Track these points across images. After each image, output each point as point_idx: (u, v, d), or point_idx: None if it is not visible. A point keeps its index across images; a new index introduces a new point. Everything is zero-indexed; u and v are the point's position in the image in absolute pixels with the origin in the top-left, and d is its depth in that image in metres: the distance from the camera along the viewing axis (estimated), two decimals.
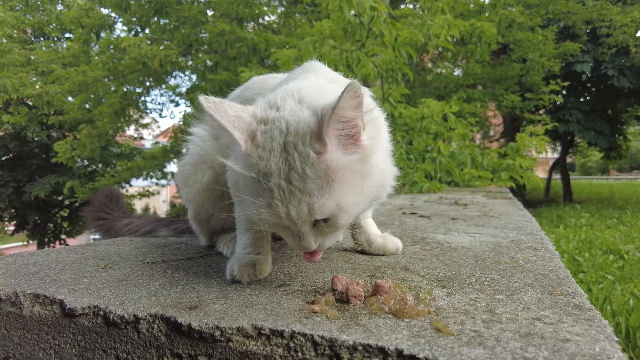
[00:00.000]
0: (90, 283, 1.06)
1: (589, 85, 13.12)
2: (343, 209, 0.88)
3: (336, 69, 4.22)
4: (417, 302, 0.87)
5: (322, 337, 0.73)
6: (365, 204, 0.95)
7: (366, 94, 1.11)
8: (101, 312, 0.89)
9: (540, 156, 6.28)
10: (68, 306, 0.92)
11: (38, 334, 0.96)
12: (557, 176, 16.78)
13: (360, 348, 0.70)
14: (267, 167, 0.85)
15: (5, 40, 9.82)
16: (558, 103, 11.79)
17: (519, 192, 9.88)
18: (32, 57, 8.53)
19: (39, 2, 8.53)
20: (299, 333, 0.74)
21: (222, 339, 0.77)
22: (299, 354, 0.73)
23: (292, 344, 0.74)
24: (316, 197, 0.85)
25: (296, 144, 0.85)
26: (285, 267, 1.17)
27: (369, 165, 0.91)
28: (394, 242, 1.33)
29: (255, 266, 1.04)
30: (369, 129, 0.92)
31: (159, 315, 0.85)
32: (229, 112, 0.88)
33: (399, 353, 0.68)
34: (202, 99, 0.87)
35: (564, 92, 11.45)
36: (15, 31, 10.20)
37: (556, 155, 17.26)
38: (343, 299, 0.89)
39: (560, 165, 15.50)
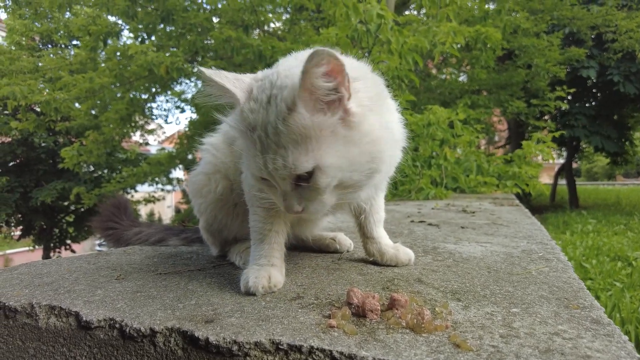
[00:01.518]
0: (105, 295, 1.07)
1: (594, 90, 13.08)
2: (322, 169, 0.90)
3: None
4: (434, 316, 0.87)
5: (341, 353, 0.72)
6: (355, 172, 0.93)
7: (364, 68, 1.11)
8: (117, 325, 0.89)
9: (546, 162, 6.26)
10: (84, 318, 0.92)
11: (54, 345, 0.97)
12: (562, 182, 16.70)
13: None
14: (255, 120, 0.90)
15: (14, 48, 9.94)
16: (563, 109, 11.76)
17: (525, 198, 9.82)
18: (40, 64, 8.62)
19: (47, 10, 8.61)
20: (317, 349, 0.74)
21: (240, 353, 0.77)
22: None
23: None
24: (290, 151, 0.87)
25: (276, 97, 0.89)
26: (298, 279, 1.17)
27: (356, 132, 0.92)
28: (406, 253, 1.32)
29: (270, 278, 1.04)
30: (362, 96, 0.93)
31: (175, 328, 0.85)
32: (228, 76, 0.94)
33: None
34: (203, 68, 0.92)
35: (569, 97, 11.43)
36: (24, 38, 10.33)
37: (562, 161, 17.18)
38: (359, 313, 0.89)
39: (565, 171, 15.43)
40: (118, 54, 7.82)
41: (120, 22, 8.08)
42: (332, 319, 0.84)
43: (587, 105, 12.81)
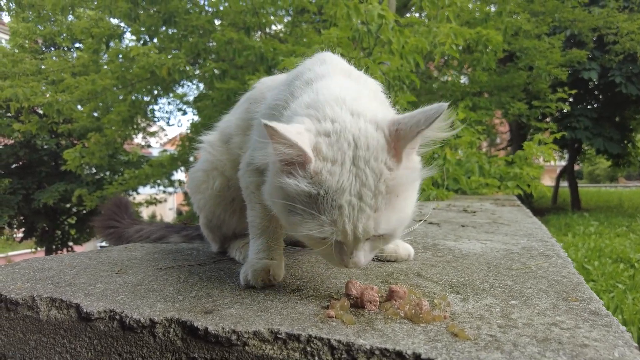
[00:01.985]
0: (105, 288, 1.07)
1: (596, 92, 13.06)
2: (403, 222, 0.89)
3: None
4: (432, 308, 0.87)
5: (339, 342, 0.73)
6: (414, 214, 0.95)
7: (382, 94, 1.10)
8: (117, 317, 0.90)
9: (547, 164, 6.25)
10: (84, 310, 0.93)
11: (54, 337, 0.97)
12: (564, 184, 16.66)
13: (377, 352, 0.70)
14: (339, 183, 0.82)
15: (17, 50, 9.99)
16: (565, 110, 11.73)
17: (526, 199, 9.81)
18: (43, 67, 8.66)
19: (50, 13, 8.67)
20: (315, 337, 0.74)
21: (239, 343, 0.78)
22: (316, 358, 0.73)
23: (308, 348, 0.74)
24: (383, 213, 0.84)
25: (368, 160, 0.83)
26: (297, 273, 1.18)
27: (417, 176, 0.92)
28: (405, 249, 1.33)
29: (269, 271, 1.04)
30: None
31: (175, 319, 0.85)
32: (290, 129, 0.83)
33: (417, 357, 0.68)
34: (267, 122, 0.80)
35: (570, 99, 11.41)
36: (27, 41, 10.39)
37: (563, 163, 17.14)
38: (358, 304, 0.89)
39: (567, 173, 15.39)
40: (120, 56, 7.85)
41: (122, 24, 8.12)
42: (330, 310, 0.85)
43: (588, 107, 12.79)
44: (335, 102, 0.91)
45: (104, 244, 2.03)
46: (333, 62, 1.14)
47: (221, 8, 8.02)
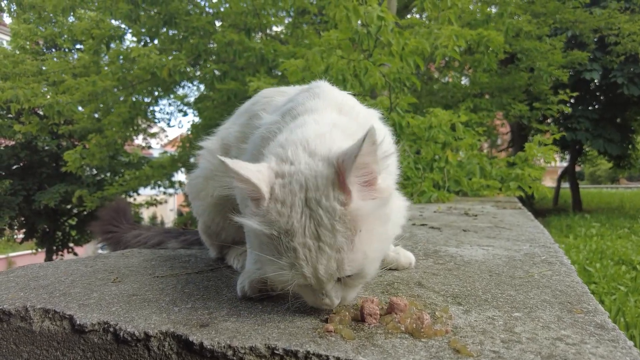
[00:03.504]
0: (100, 298, 1.05)
1: (597, 93, 13.02)
2: (370, 258, 0.85)
3: (344, 79, 4.24)
4: (434, 321, 0.85)
5: (338, 359, 0.71)
6: (387, 248, 0.93)
7: (384, 129, 1.10)
8: (111, 329, 0.88)
9: (548, 165, 6.23)
10: (78, 322, 0.91)
11: (47, 349, 0.95)
12: (565, 185, 16.62)
13: None
14: (289, 224, 0.81)
15: (18, 52, 9.99)
16: (566, 112, 11.70)
17: (528, 201, 9.78)
18: (44, 68, 8.65)
19: (51, 15, 8.66)
20: (313, 354, 0.72)
21: (235, 358, 0.76)
22: None
23: None
24: (345, 252, 0.81)
25: (319, 200, 0.81)
26: None
27: (388, 208, 0.89)
28: (406, 257, 1.31)
29: (267, 282, 1.02)
30: (384, 172, 0.90)
31: (170, 332, 0.83)
32: (250, 167, 0.84)
33: None
34: (223, 159, 0.83)
35: (572, 100, 11.37)
36: (28, 42, 10.38)
37: (565, 164, 17.10)
38: (358, 318, 0.87)
39: (569, 174, 15.35)
40: (121, 57, 7.85)
41: (123, 25, 8.12)
42: (329, 324, 0.83)
43: (589, 108, 12.76)
44: (300, 142, 0.90)
45: (103, 246, 2.02)
46: (326, 97, 1.11)
47: (222, 9, 8.01)
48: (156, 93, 9.30)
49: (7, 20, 11.81)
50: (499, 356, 0.71)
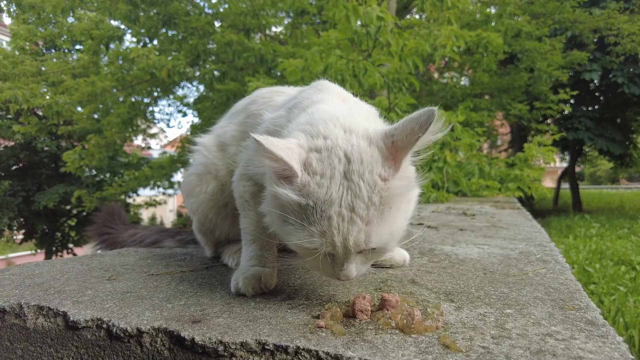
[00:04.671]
0: (94, 295, 1.06)
1: (597, 94, 13.03)
2: (394, 235, 0.89)
3: (343, 79, 4.25)
4: (425, 317, 0.85)
5: (327, 354, 0.71)
6: (404, 229, 0.95)
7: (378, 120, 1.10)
8: (104, 325, 0.88)
9: (548, 165, 6.23)
10: (71, 319, 0.91)
11: (41, 346, 0.95)
12: (565, 185, 16.61)
13: None
14: (327, 195, 0.83)
15: (17, 52, 9.99)
16: (566, 112, 11.69)
17: (527, 201, 9.78)
18: (43, 68, 8.65)
19: (50, 15, 8.67)
20: (303, 349, 0.73)
21: (226, 354, 0.76)
22: None
23: None
24: (375, 225, 0.84)
25: (362, 173, 0.84)
26: (290, 280, 1.16)
27: (414, 191, 0.93)
28: (401, 254, 1.31)
29: (261, 279, 1.03)
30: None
31: (162, 328, 0.84)
32: (279, 144, 0.86)
33: None
34: (256, 136, 0.83)
35: (572, 101, 11.37)
36: (28, 43, 10.38)
37: (565, 165, 17.09)
38: (349, 314, 0.87)
39: (569, 175, 15.34)
40: (120, 58, 7.85)
41: (122, 26, 8.12)
42: (320, 320, 0.83)
43: (590, 108, 12.76)
44: (330, 120, 0.93)
45: (99, 248, 2.02)
46: (330, 90, 1.17)
47: (221, 10, 8.02)
48: (155, 94, 9.30)
49: (7, 21, 11.82)
50: (488, 352, 0.71)
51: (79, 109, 8.44)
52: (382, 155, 0.86)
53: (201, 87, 9.80)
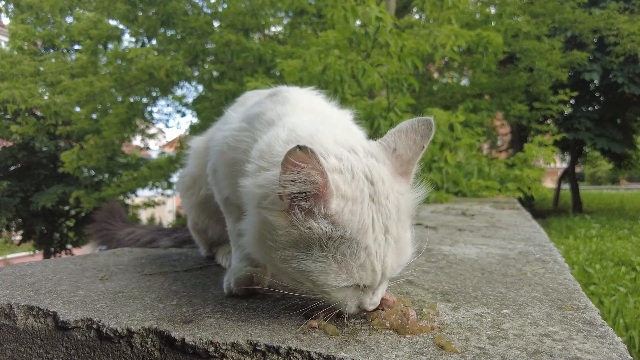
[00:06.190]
0: (86, 295, 1.04)
1: (597, 94, 13.02)
2: (411, 249, 0.86)
3: (341, 79, 4.23)
4: (420, 317, 0.84)
5: (320, 354, 0.69)
6: None
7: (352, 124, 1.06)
8: (94, 326, 0.87)
9: (549, 166, 6.21)
10: (61, 319, 0.90)
11: (31, 347, 0.94)
12: (566, 186, 16.59)
13: None
14: (361, 222, 0.76)
15: (16, 52, 9.97)
16: (566, 112, 11.68)
17: (527, 202, 9.76)
18: (42, 68, 8.63)
19: (49, 15, 8.65)
20: (295, 350, 0.71)
21: (216, 354, 0.75)
22: None
23: None
24: (402, 244, 0.81)
25: (387, 194, 0.79)
26: (284, 279, 1.14)
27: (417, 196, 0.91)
28: None
29: (253, 279, 1.01)
30: None
31: (152, 329, 0.82)
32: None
33: None
34: (304, 145, 0.70)
35: (572, 101, 11.35)
36: (26, 43, 10.36)
37: (565, 165, 17.07)
38: None
39: (569, 175, 15.32)
40: (118, 58, 7.84)
41: (121, 26, 8.11)
42: (313, 320, 0.81)
43: (590, 109, 12.76)
44: (329, 138, 0.84)
45: (101, 248, 2.02)
46: (290, 100, 1.04)
47: (220, 9, 8.00)
48: (154, 94, 9.28)
49: (6, 20, 11.81)
50: (484, 352, 0.70)
51: (77, 109, 8.42)
52: (391, 171, 0.83)
53: (200, 87, 9.77)
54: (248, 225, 0.85)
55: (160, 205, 13.46)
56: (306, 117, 0.97)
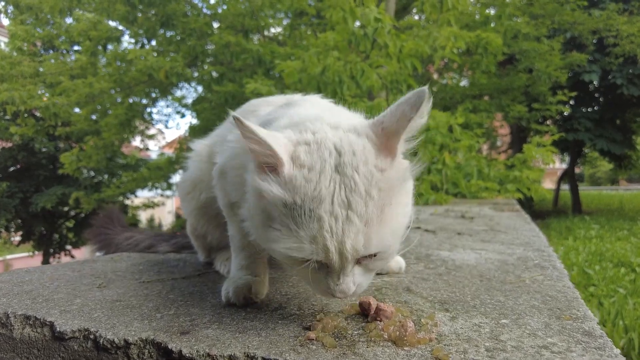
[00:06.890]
0: (83, 304, 1.04)
1: (596, 95, 13.03)
2: (396, 235, 0.79)
3: (340, 81, 4.23)
4: (419, 328, 0.83)
5: None
6: (406, 229, 0.84)
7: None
8: (91, 336, 0.86)
9: (548, 167, 6.21)
10: (58, 329, 0.89)
11: (28, 357, 0.94)
12: (565, 187, 16.59)
13: None
14: (317, 191, 0.73)
15: (15, 53, 9.97)
16: (566, 113, 11.68)
17: (527, 203, 9.76)
18: (41, 69, 8.63)
19: (48, 16, 8.65)
20: None
21: None
22: None
23: None
24: (374, 226, 0.74)
25: (356, 165, 0.75)
26: (282, 288, 1.14)
27: (411, 183, 0.84)
28: (397, 261, 1.29)
29: (251, 288, 1.00)
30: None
31: (149, 340, 0.82)
32: (266, 131, 0.78)
33: None
34: (235, 115, 0.76)
35: (571, 102, 11.35)
36: (26, 44, 10.36)
37: (564, 166, 17.07)
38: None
39: (568, 176, 15.32)
40: (118, 59, 7.84)
41: (120, 27, 8.11)
42: (311, 332, 0.81)
43: (589, 109, 12.76)
44: (315, 118, 0.86)
45: (97, 251, 2.02)
46: (307, 101, 1.09)
47: (219, 10, 8.00)
48: (153, 95, 9.28)
49: (5, 21, 11.80)
50: None
51: (77, 110, 8.42)
52: (374, 145, 0.78)
53: (199, 88, 9.78)
54: (247, 195, 0.86)
55: (159, 206, 13.46)
56: (313, 108, 0.97)
